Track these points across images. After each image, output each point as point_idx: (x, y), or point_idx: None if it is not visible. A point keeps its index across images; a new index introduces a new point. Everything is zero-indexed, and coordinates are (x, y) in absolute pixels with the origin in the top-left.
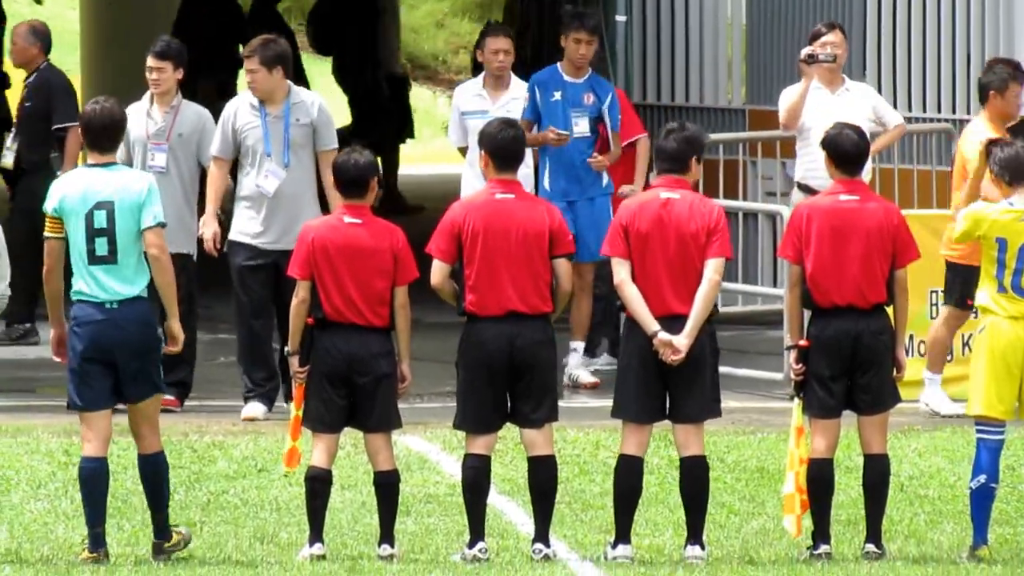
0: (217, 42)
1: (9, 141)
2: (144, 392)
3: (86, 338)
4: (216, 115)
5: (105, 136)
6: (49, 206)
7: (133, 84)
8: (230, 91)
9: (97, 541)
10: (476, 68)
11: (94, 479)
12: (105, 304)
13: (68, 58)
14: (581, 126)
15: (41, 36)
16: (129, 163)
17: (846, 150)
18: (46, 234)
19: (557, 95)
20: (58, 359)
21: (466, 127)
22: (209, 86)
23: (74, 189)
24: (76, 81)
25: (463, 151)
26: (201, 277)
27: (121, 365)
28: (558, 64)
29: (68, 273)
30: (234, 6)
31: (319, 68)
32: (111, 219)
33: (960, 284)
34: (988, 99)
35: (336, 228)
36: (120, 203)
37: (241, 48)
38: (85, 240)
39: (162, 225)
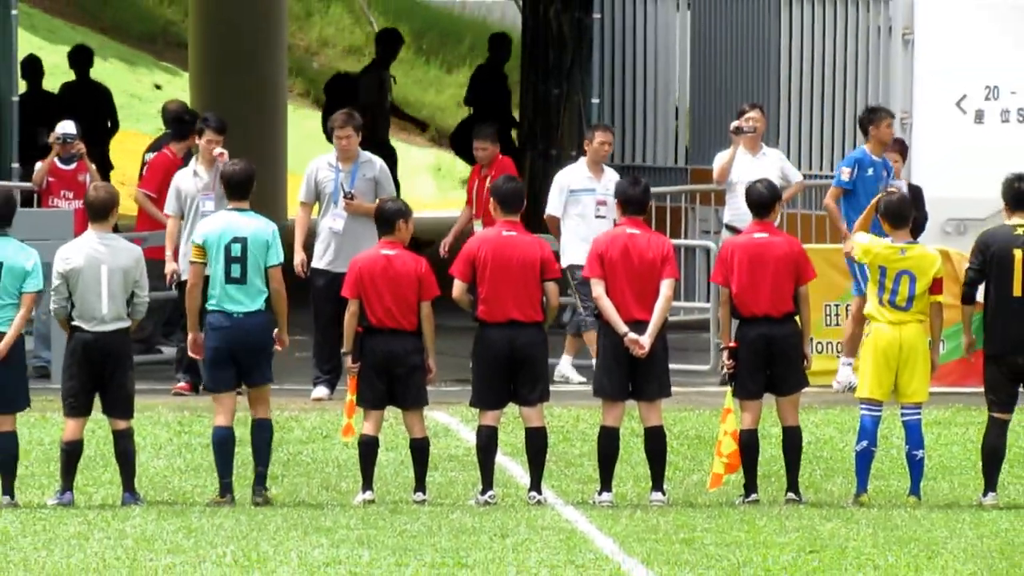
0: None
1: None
2: (260, 380)
3: (218, 339)
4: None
5: (240, 188)
6: (196, 239)
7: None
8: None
9: (226, 488)
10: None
11: (224, 442)
12: (233, 314)
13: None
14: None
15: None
16: (182, 212)
17: (761, 199)
18: (191, 259)
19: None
20: (195, 356)
21: (566, 201)
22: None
23: (216, 227)
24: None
25: (556, 219)
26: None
27: (242, 360)
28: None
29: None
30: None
31: None
32: (244, 251)
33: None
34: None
35: (376, 258)
36: (253, 240)
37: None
38: (224, 265)
39: (281, 263)
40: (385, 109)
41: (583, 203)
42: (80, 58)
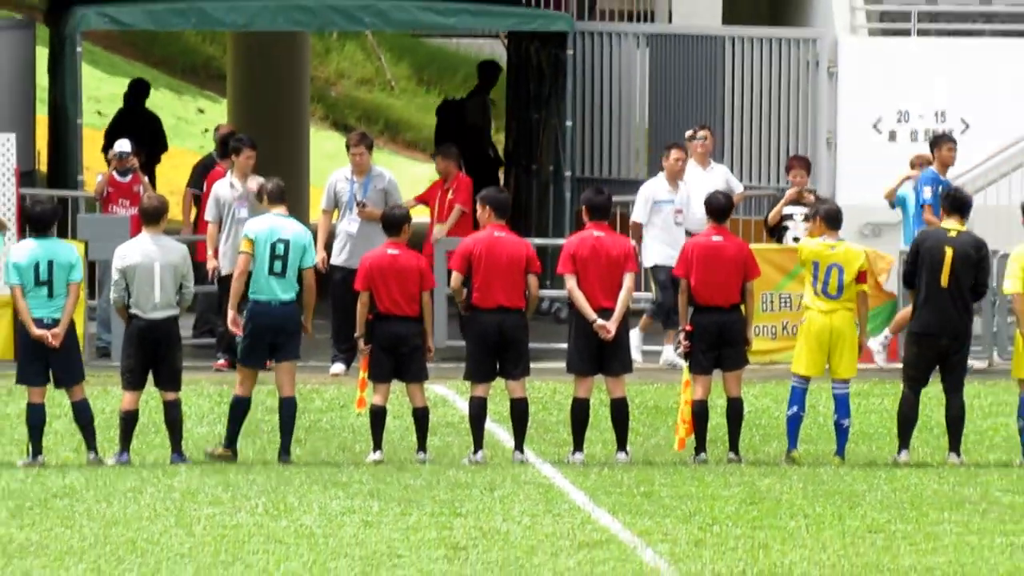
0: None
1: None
2: (288, 357)
3: (257, 323)
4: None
5: (279, 196)
6: (248, 234)
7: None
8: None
9: (231, 443)
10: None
11: (239, 406)
12: (271, 303)
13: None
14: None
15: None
16: (220, 217)
17: (720, 207)
18: (241, 250)
19: None
20: (234, 331)
21: (650, 211)
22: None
23: (264, 227)
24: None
25: (640, 226)
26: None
27: (275, 340)
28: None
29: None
30: None
31: None
32: (286, 250)
33: None
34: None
35: (383, 256)
36: (294, 242)
37: None
38: (268, 260)
39: (315, 265)
40: (488, 128)
41: (664, 212)
42: (138, 89)
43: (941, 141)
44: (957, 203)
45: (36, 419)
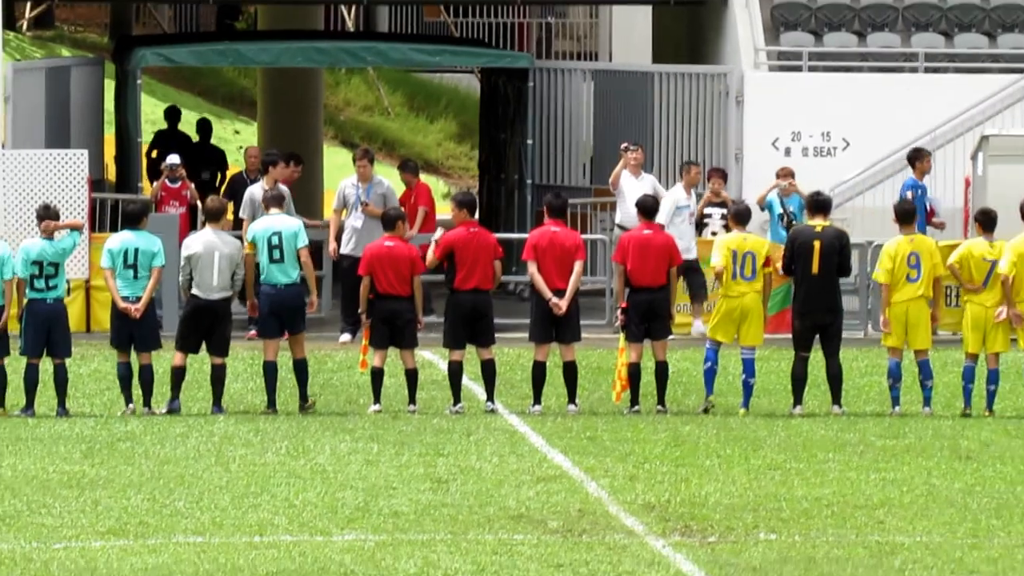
0: None
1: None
2: (297, 329)
3: (268, 303)
4: None
5: (276, 202)
6: (248, 238)
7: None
8: None
9: (271, 404)
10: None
11: (270, 370)
12: (277, 285)
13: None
14: None
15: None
16: (254, 215)
17: (649, 207)
18: (246, 252)
19: None
20: (252, 313)
21: (672, 214)
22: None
23: (261, 226)
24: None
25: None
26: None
27: (284, 316)
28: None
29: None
30: None
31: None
32: (280, 239)
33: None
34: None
35: (382, 247)
36: (285, 231)
37: None
38: (268, 251)
39: (307, 245)
40: None
41: (683, 215)
42: (172, 114)
43: (921, 154)
44: (820, 204)
45: (124, 373)
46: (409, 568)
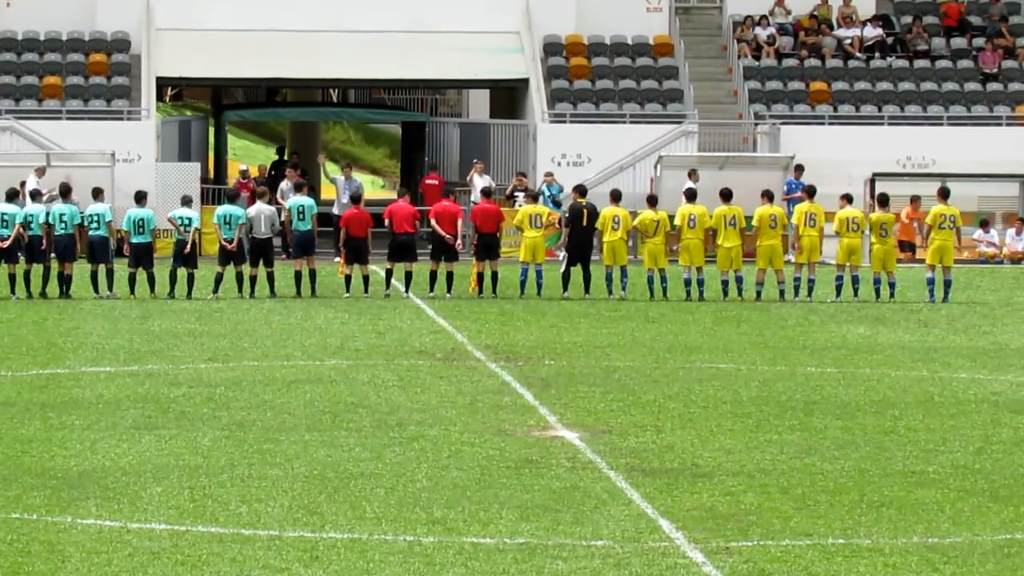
0: None
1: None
2: (309, 253)
3: (297, 240)
4: None
5: (299, 188)
6: (285, 207)
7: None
8: None
9: (298, 292)
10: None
11: (297, 276)
12: (299, 231)
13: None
14: None
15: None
16: (285, 196)
17: (489, 192)
18: (284, 217)
19: None
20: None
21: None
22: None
23: (292, 201)
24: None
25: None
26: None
27: (305, 247)
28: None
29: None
30: None
31: None
32: (303, 208)
33: None
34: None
35: (352, 211)
36: (305, 204)
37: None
38: (297, 214)
39: (315, 212)
40: None
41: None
42: (279, 151)
43: (799, 166)
44: (583, 189)
45: (219, 279)
46: (363, 378)
